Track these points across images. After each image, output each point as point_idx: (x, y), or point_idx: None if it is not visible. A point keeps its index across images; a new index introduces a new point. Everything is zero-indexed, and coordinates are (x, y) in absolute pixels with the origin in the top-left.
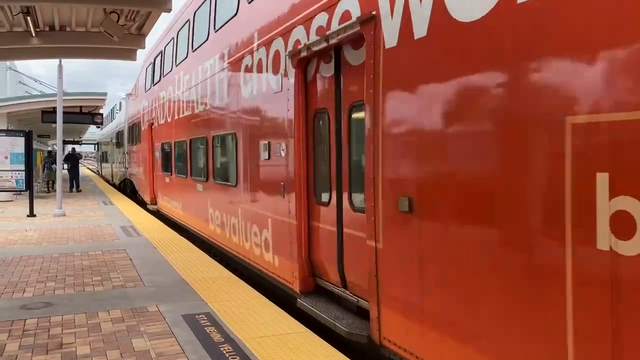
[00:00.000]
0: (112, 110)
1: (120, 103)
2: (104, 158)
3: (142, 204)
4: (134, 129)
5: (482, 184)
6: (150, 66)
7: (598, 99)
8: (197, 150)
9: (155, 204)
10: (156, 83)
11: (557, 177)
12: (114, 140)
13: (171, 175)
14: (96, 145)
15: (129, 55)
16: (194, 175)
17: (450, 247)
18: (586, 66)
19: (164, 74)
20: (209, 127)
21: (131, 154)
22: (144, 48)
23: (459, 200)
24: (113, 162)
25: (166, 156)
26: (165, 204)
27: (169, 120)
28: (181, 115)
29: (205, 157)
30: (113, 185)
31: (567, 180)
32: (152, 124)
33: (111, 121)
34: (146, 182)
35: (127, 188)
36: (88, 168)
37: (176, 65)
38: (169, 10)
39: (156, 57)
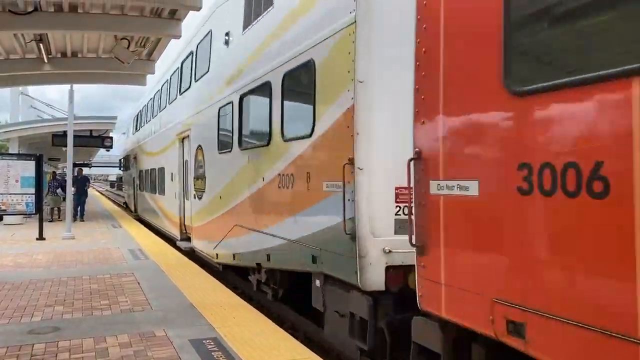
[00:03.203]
0: (182, 64)
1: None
2: (144, 183)
3: (149, 227)
4: None
5: None
6: None
7: None
8: None
9: None
10: None
11: None
12: (210, 134)
13: None
14: (122, 161)
15: (139, 80)
16: None
17: None
18: None
19: None
20: None
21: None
22: (154, 73)
23: None
24: (187, 196)
25: None
26: None
27: None
28: None
29: None
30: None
31: None
32: None
33: (168, 96)
34: None
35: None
36: (98, 191)
37: None
38: (178, 37)
39: None
